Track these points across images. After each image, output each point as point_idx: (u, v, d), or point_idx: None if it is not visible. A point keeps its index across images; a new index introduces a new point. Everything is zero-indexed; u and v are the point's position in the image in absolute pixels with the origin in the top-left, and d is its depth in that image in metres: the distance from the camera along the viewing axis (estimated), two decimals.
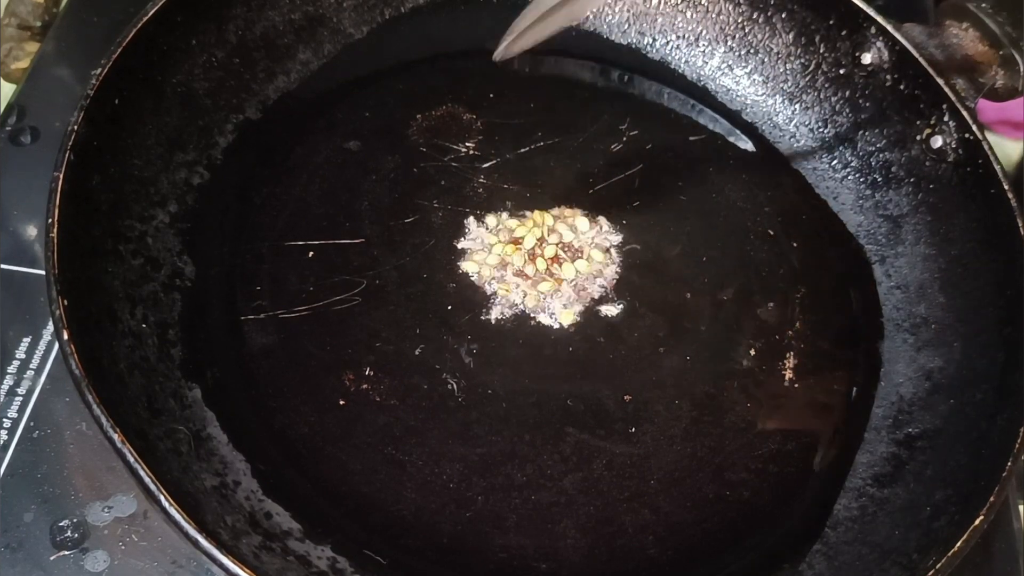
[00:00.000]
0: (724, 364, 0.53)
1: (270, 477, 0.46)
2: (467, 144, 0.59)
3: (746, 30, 0.62)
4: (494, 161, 0.58)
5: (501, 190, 0.57)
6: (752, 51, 0.62)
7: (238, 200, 0.54)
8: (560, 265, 0.54)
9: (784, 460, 0.50)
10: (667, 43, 0.64)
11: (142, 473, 0.38)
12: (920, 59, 0.55)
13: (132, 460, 0.38)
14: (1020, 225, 0.50)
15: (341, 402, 0.49)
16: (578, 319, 0.53)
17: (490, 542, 0.46)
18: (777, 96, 0.62)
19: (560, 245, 0.54)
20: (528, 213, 0.56)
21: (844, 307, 0.56)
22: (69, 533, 0.45)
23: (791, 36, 0.61)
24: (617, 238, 0.56)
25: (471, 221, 0.55)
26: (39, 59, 0.61)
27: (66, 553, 0.44)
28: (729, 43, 0.63)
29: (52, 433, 0.47)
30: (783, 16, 0.60)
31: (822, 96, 0.61)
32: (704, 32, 0.63)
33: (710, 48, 0.63)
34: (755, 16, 0.61)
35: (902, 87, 0.57)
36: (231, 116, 0.56)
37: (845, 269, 0.57)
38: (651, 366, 0.52)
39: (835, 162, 0.60)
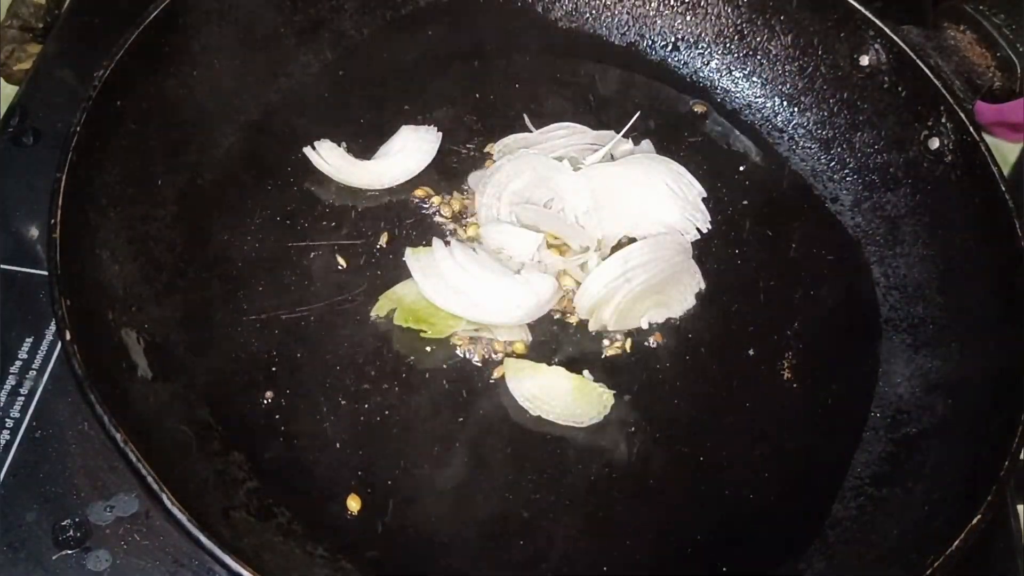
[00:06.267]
0: (723, 364, 0.53)
1: (271, 476, 0.46)
2: (468, 145, 0.59)
3: (745, 32, 0.62)
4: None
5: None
6: (751, 53, 0.62)
7: (239, 201, 0.54)
8: (559, 262, 0.54)
9: (783, 460, 0.50)
10: (666, 44, 0.64)
11: (144, 473, 0.38)
12: (918, 61, 0.55)
13: (134, 460, 0.38)
14: (1017, 226, 0.50)
15: (343, 402, 0.49)
16: (578, 319, 0.53)
17: (490, 541, 0.46)
18: (776, 98, 0.62)
19: (559, 244, 0.55)
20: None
21: (842, 308, 0.56)
22: (71, 532, 0.45)
23: (789, 38, 0.61)
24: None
25: (471, 221, 0.56)
26: (41, 61, 0.61)
27: (68, 552, 0.44)
28: (728, 45, 0.63)
29: (54, 433, 0.48)
30: (782, 18, 0.61)
31: (820, 98, 0.61)
32: (703, 34, 0.63)
33: (709, 50, 0.63)
34: (754, 18, 0.62)
35: (900, 89, 0.57)
36: (233, 117, 0.56)
37: (843, 270, 0.57)
38: (651, 366, 0.52)
39: (833, 163, 0.60)
